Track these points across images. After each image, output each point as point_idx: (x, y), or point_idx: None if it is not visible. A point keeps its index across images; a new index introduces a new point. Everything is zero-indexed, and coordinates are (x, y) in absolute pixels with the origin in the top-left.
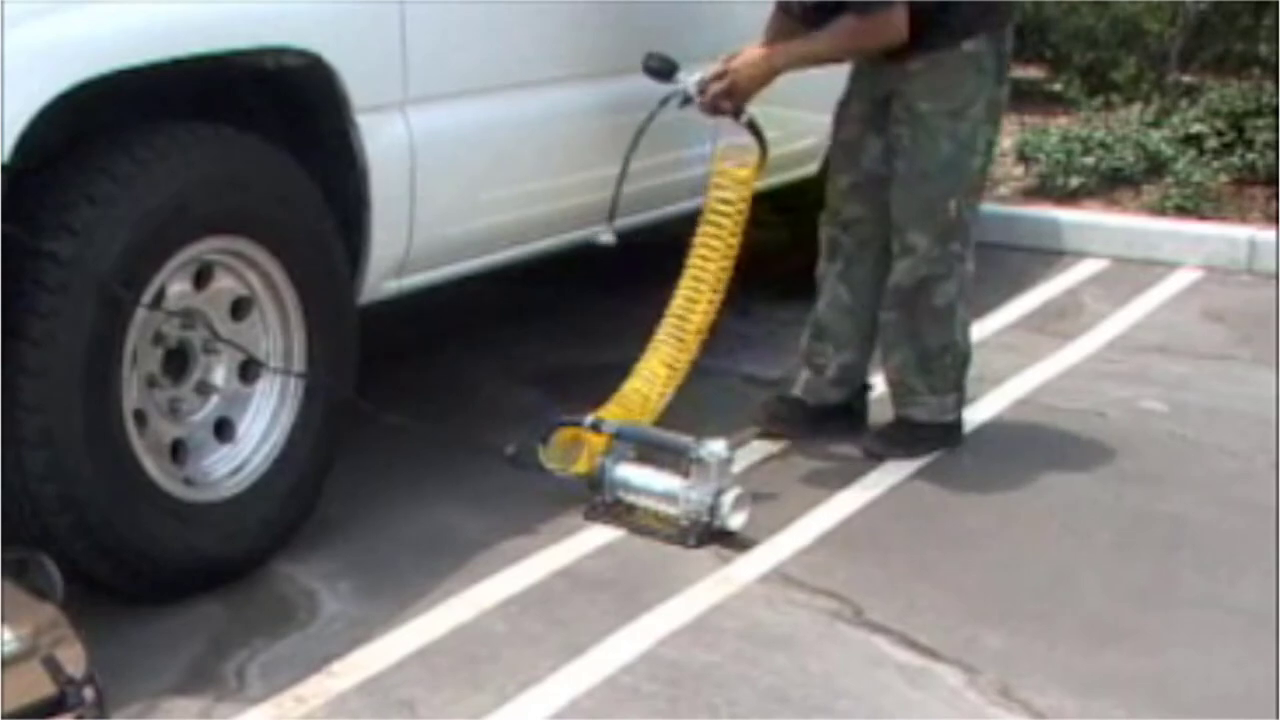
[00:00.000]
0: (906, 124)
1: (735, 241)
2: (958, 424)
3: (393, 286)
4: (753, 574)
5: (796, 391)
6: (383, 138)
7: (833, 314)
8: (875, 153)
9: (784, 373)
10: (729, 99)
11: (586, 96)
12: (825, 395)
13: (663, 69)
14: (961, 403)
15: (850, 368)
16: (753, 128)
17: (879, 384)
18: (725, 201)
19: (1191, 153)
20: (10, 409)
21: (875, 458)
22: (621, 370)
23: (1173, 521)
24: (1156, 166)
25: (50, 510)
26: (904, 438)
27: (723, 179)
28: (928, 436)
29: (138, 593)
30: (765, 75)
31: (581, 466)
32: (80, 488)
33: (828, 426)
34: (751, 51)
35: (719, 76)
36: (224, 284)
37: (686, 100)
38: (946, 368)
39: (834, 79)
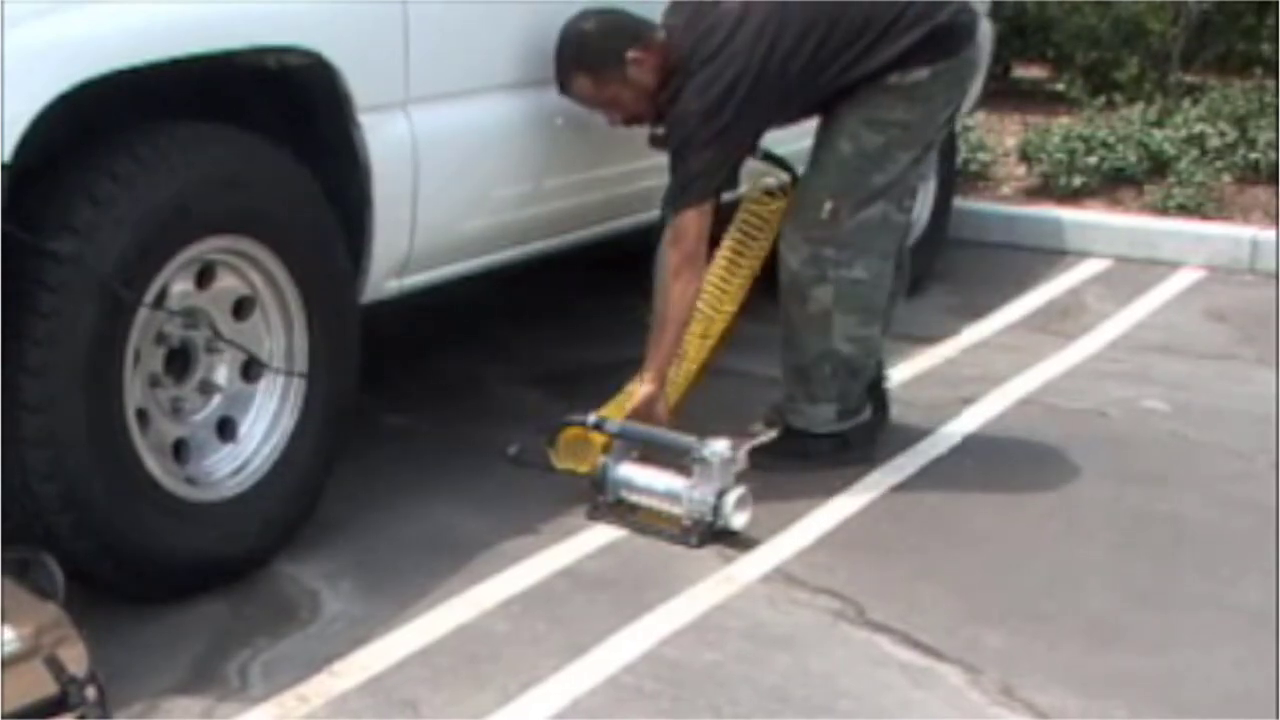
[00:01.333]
0: (821, 125)
1: (760, 261)
2: (844, 436)
3: (395, 286)
4: (755, 574)
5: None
6: (385, 137)
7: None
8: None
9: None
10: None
11: None
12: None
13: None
14: (847, 414)
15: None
16: (771, 159)
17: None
18: (759, 221)
19: (1194, 152)
20: (12, 408)
21: (758, 466)
22: (623, 369)
23: (1174, 521)
24: (1159, 166)
25: (52, 509)
26: (790, 447)
27: (758, 206)
28: (813, 449)
29: (140, 592)
30: (655, 400)
31: (588, 466)
32: (82, 487)
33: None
34: (639, 396)
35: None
36: (226, 283)
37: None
38: (825, 377)
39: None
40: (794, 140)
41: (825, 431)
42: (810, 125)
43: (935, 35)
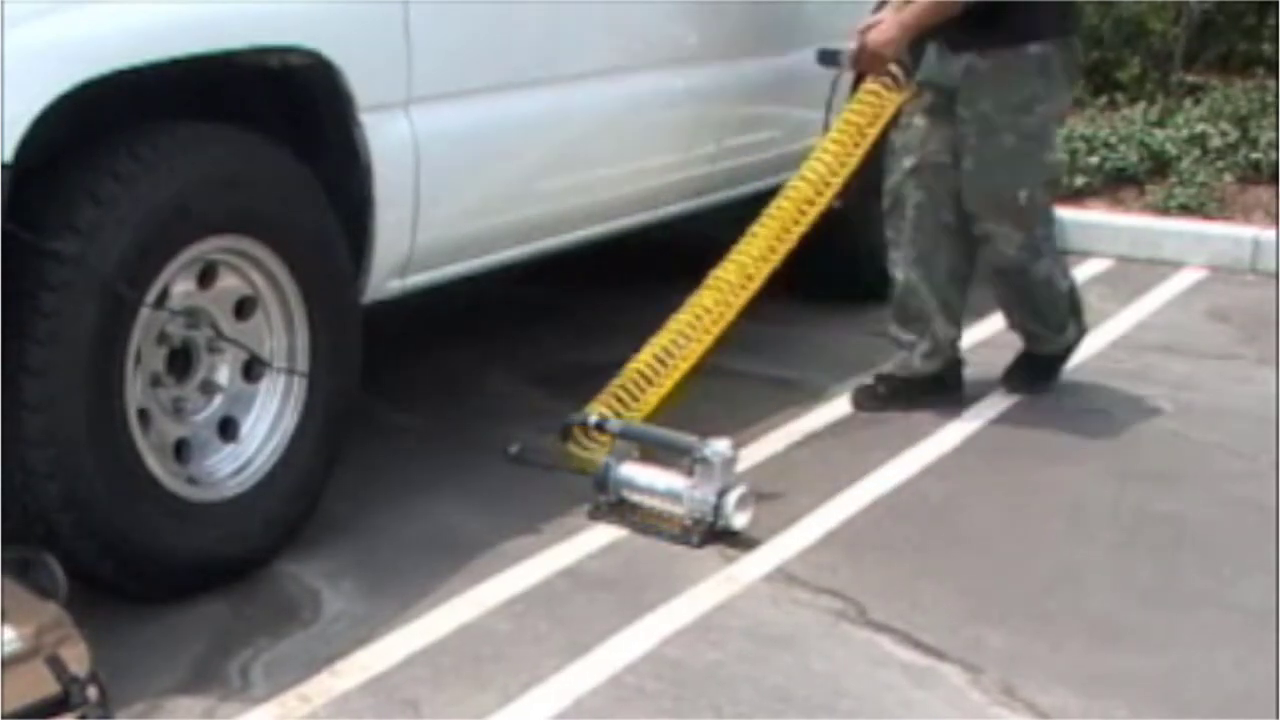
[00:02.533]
0: (971, 122)
1: (868, 149)
2: (1071, 349)
3: (396, 286)
4: (756, 573)
5: (889, 368)
6: (387, 137)
7: (909, 297)
8: (936, 143)
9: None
10: (873, 62)
11: (590, 95)
12: (916, 369)
13: (832, 56)
14: (1081, 328)
15: (939, 342)
16: (900, 67)
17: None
18: (873, 112)
19: (1196, 152)
20: (14, 408)
21: (1017, 392)
22: (623, 369)
23: (1176, 521)
24: (1161, 166)
25: (54, 509)
26: (1040, 371)
27: (873, 97)
28: (1055, 368)
29: (141, 592)
30: (895, 38)
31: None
32: (84, 487)
33: (921, 400)
34: (882, 25)
35: (860, 47)
36: (228, 283)
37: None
38: (1063, 310)
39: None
40: (798, 139)
41: (1067, 348)
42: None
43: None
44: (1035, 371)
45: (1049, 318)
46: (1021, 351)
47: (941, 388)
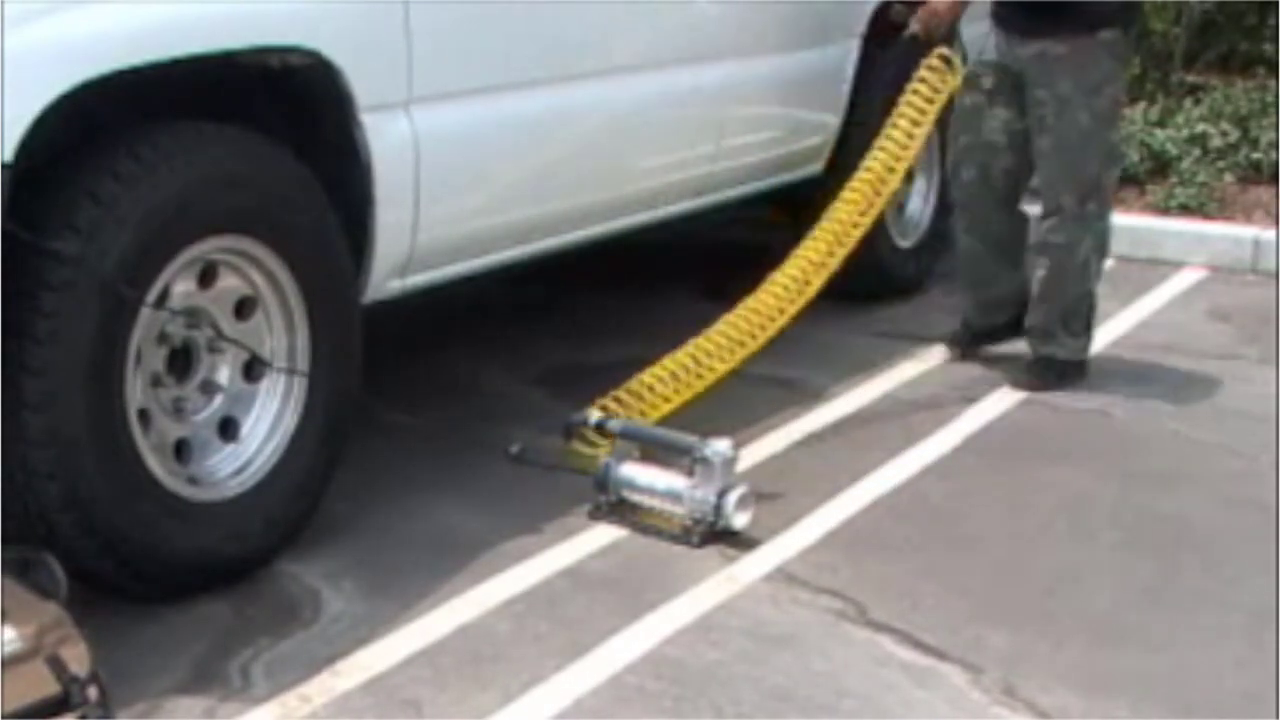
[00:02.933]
0: (1049, 104)
1: (930, 130)
2: (1086, 361)
3: (396, 286)
4: (757, 573)
5: (970, 315)
6: (387, 137)
7: (970, 262)
8: (997, 122)
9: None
10: (936, 26)
11: (590, 95)
12: (992, 318)
13: (900, 21)
14: (1090, 343)
15: (1006, 295)
16: (954, 43)
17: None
18: (931, 92)
19: (1196, 152)
20: (14, 407)
21: (1028, 390)
22: (623, 369)
23: (1177, 521)
24: (1161, 166)
25: (54, 509)
26: (1051, 375)
27: (933, 76)
28: (1069, 372)
29: (141, 592)
30: (953, 4)
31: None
32: (84, 486)
33: (1003, 340)
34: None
35: (921, 15)
36: (228, 283)
37: (914, 38)
38: (1083, 313)
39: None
40: (799, 139)
41: (1082, 358)
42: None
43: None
44: (1051, 375)
45: (1074, 313)
46: (1037, 355)
47: (1019, 330)
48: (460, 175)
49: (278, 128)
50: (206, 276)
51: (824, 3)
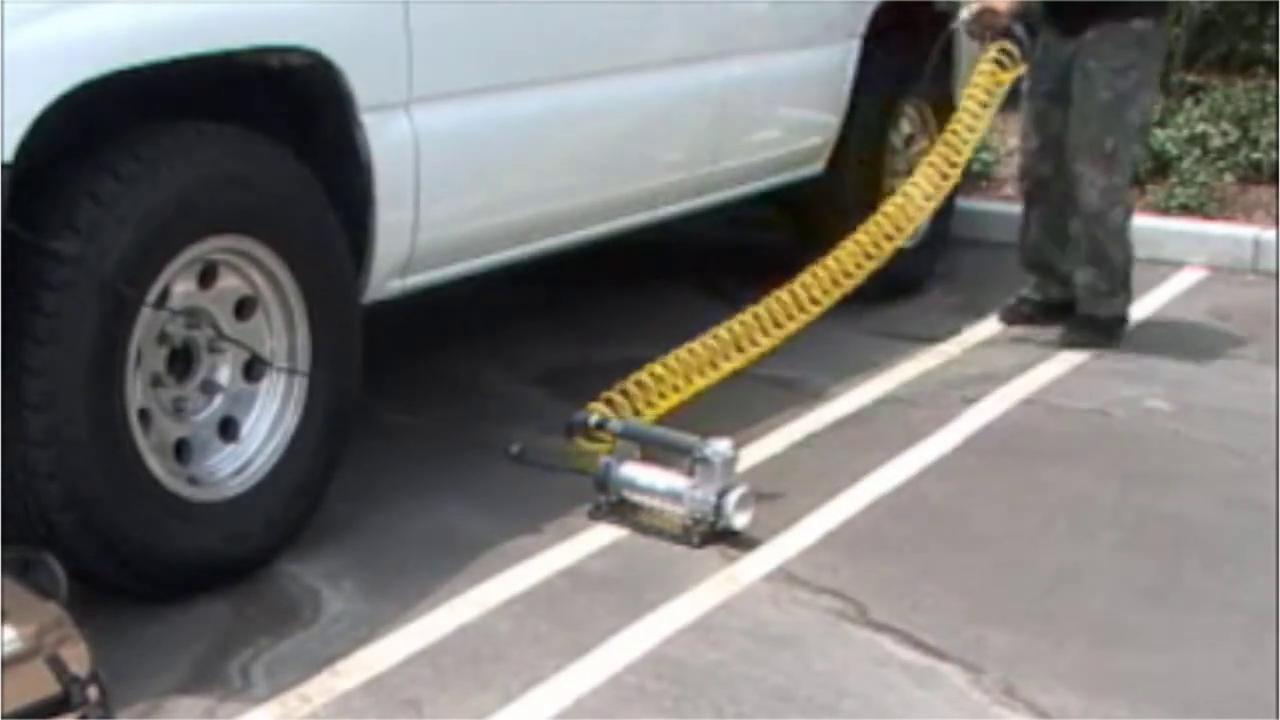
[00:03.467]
0: (1078, 80)
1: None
2: (1127, 317)
3: (397, 286)
4: (757, 573)
5: (1028, 293)
6: (387, 137)
7: (1035, 248)
8: (1059, 121)
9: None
10: (992, 21)
11: (590, 95)
12: (1052, 296)
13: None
14: (1129, 299)
15: (1066, 275)
16: (1014, 38)
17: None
18: (986, 96)
19: (1196, 152)
20: (15, 407)
21: (1075, 347)
22: (623, 369)
23: (1177, 521)
24: (1162, 166)
25: (54, 509)
26: (1098, 332)
27: (987, 80)
28: (1113, 329)
29: (142, 592)
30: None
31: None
32: (84, 487)
33: (1055, 320)
34: None
35: (980, 12)
36: (229, 283)
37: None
38: (1126, 274)
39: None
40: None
41: (1122, 314)
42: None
43: None
44: (1095, 331)
45: (1113, 274)
46: (1082, 314)
47: (1071, 310)
48: (460, 175)
49: (278, 128)
50: (207, 276)
51: (824, 3)
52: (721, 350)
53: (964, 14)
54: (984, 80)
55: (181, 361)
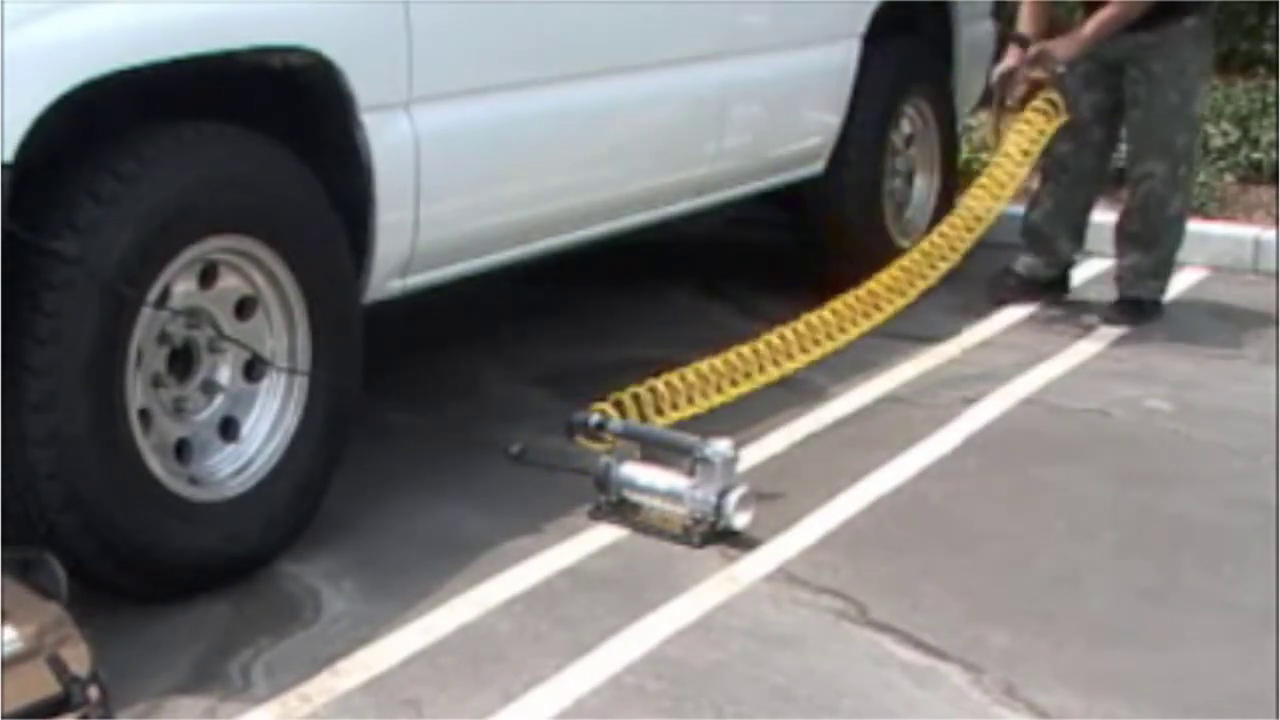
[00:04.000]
0: (1143, 83)
1: (1029, 160)
2: (1162, 301)
3: (397, 286)
4: (758, 573)
5: (1018, 268)
6: (388, 137)
7: (1042, 220)
8: (1089, 102)
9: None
10: (1049, 66)
11: (591, 95)
12: (1038, 273)
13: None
14: (1169, 284)
15: (1060, 254)
16: (1062, 87)
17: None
18: (1036, 134)
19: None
20: (15, 407)
21: (1119, 325)
22: (623, 369)
23: (1177, 521)
24: None
25: (55, 509)
26: (1139, 313)
27: (1032, 129)
28: (1152, 311)
29: (142, 592)
30: (1079, 49)
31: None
32: (85, 487)
33: (1039, 295)
34: (1062, 40)
35: (1038, 55)
36: (229, 283)
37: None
38: (1170, 256)
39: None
40: (800, 139)
41: (1159, 298)
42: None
43: None
44: (1136, 313)
45: (1160, 259)
46: (1123, 296)
47: (1054, 288)
48: (461, 175)
49: (278, 128)
50: (207, 276)
51: (825, 2)
52: (744, 368)
53: (1007, 63)
54: (1029, 130)
55: (182, 361)
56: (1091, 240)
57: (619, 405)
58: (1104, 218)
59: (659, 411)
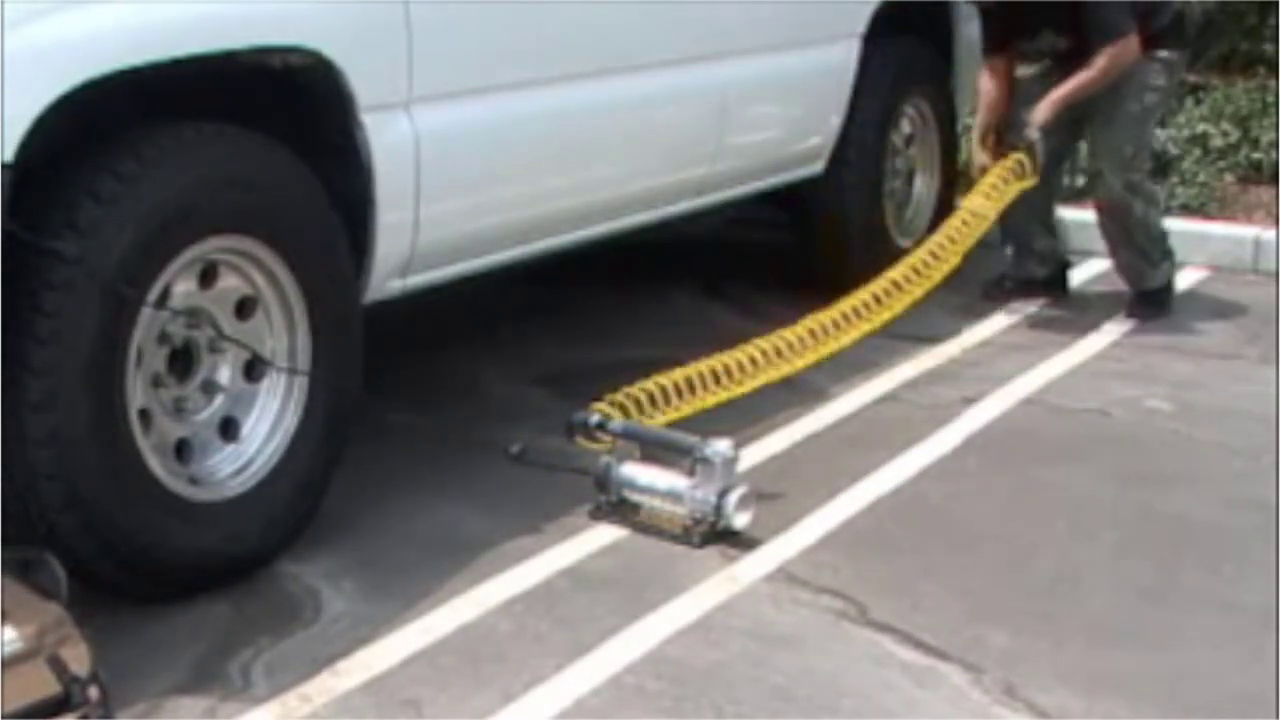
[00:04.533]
0: (1108, 95)
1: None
2: (1172, 284)
3: (397, 286)
4: (758, 573)
5: (1011, 270)
6: (388, 137)
7: (1016, 223)
8: (1068, 116)
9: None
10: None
11: (591, 95)
12: (1030, 272)
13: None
14: (1173, 265)
15: (1046, 251)
16: (1033, 151)
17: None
18: (1002, 185)
19: (1197, 152)
20: (16, 407)
21: (1136, 319)
22: (623, 369)
23: (1177, 521)
24: (1162, 166)
25: (55, 509)
26: (1151, 304)
27: (1000, 185)
28: (1160, 297)
29: (142, 592)
30: (1054, 113)
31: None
32: (85, 487)
33: (1038, 294)
34: (1039, 105)
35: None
36: (229, 283)
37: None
38: (1156, 249)
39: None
40: (800, 140)
41: (1167, 281)
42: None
43: (1180, 23)
44: (1149, 304)
45: (1150, 253)
46: (1133, 291)
47: (1052, 288)
48: (461, 175)
49: (278, 128)
50: (207, 276)
51: (825, 2)
52: (744, 368)
53: (979, 160)
54: (995, 195)
55: (182, 361)
56: (1092, 241)
57: (621, 407)
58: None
59: (660, 411)
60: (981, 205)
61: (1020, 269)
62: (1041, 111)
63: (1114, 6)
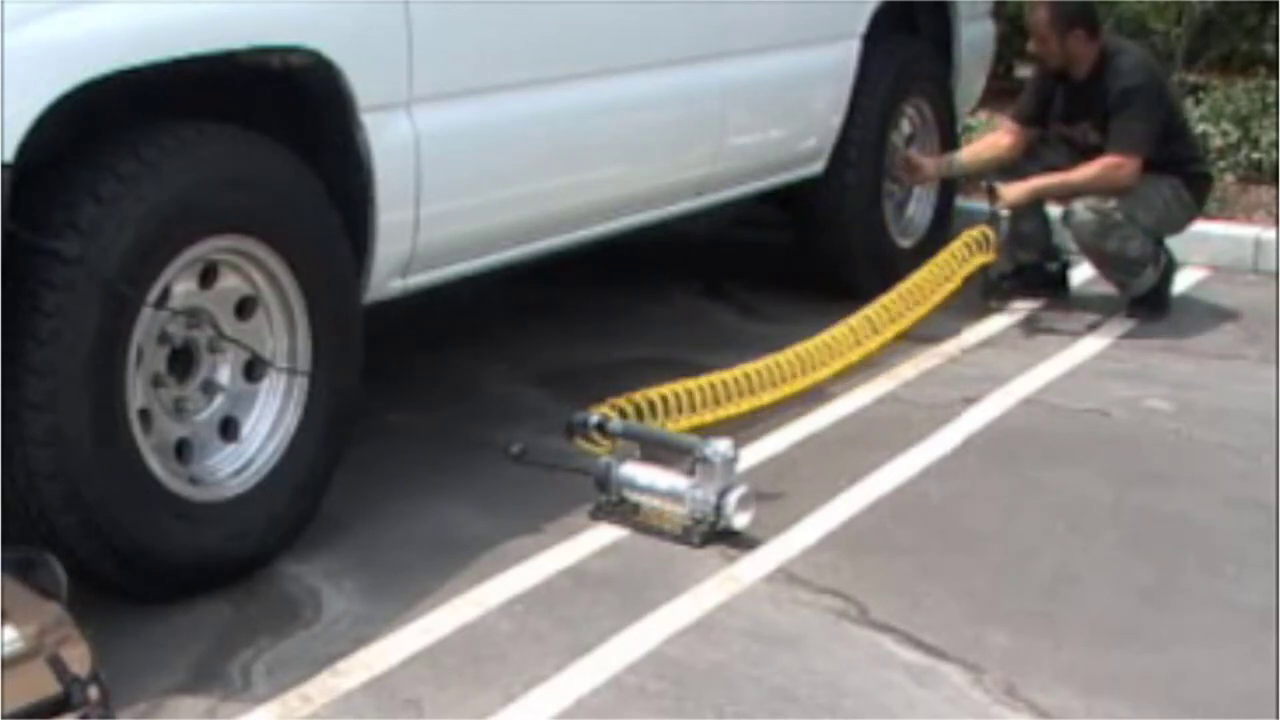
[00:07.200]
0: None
1: (959, 280)
2: (1160, 287)
3: (398, 285)
4: (758, 573)
5: (1004, 268)
6: (388, 137)
7: (1010, 220)
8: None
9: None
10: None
11: (591, 95)
12: (1016, 257)
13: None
14: (1167, 266)
15: (1030, 233)
16: (996, 224)
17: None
18: (958, 262)
19: None
20: (16, 407)
21: (1138, 319)
22: (623, 369)
23: (1178, 521)
24: None
25: (55, 509)
26: (1143, 308)
27: (958, 262)
28: (1151, 300)
29: (142, 592)
30: (1028, 198)
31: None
32: (85, 487)
33: (1038, 291)
34: (1019, 185)
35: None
36: (229, 283)
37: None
38: (1136, 266)
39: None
40: (800, 140)
41: (1156, 283)
42: (815, 124)
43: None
44: (1147, 307)
45: (1124, 263)
46: (1127, 299)
47: (1053, 284)
48: (461, 175)
49: (278, 128)
50: (207, 276)
51: (825, 2)
52: (758, 383)
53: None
54: (956, 255)
55: (182, 361)
56: None
57: (622, 412)
58: None
59: (670, 418)
60: (927, 280)
61: (1017, 259)
62: (1015, 192)
63: (1144, 127)
